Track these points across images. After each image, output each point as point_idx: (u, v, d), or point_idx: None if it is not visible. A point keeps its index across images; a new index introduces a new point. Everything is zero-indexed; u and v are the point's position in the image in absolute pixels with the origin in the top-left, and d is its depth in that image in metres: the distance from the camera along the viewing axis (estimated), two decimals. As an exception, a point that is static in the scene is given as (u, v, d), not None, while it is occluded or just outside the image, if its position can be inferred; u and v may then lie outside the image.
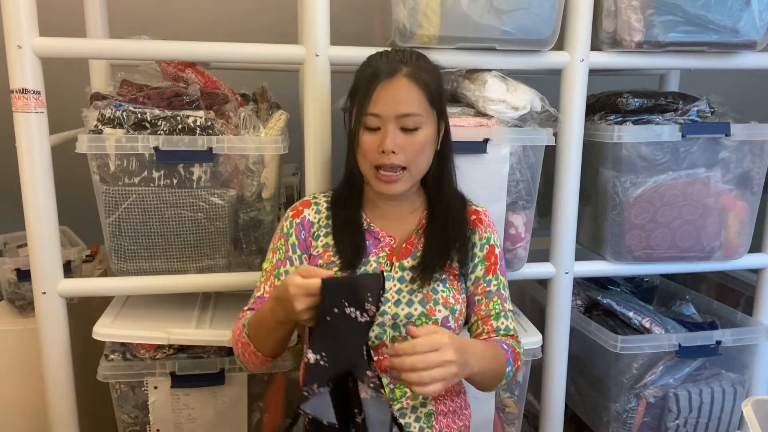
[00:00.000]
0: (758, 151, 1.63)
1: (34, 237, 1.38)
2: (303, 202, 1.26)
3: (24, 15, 1.29)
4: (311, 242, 1.22)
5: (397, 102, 1.10)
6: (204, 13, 2.24)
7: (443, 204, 1.21)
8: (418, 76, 1.11)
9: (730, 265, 1.73)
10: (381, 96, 1.10)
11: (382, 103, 1.10)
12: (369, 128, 1.13)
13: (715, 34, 1.50)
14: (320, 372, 0.93)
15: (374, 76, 1.11)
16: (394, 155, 1.10)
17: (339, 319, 0.93)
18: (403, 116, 1.10)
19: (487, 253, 1.23)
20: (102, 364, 1.48)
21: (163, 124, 1.39)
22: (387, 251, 1.20)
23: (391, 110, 1.10)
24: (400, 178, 1.13)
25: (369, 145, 1.13)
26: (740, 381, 1.72)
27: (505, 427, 1.64)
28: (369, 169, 1.15)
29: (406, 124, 1.11)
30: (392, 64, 1.11)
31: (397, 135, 1.11)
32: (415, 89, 1.11)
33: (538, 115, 1.51)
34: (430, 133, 1.14)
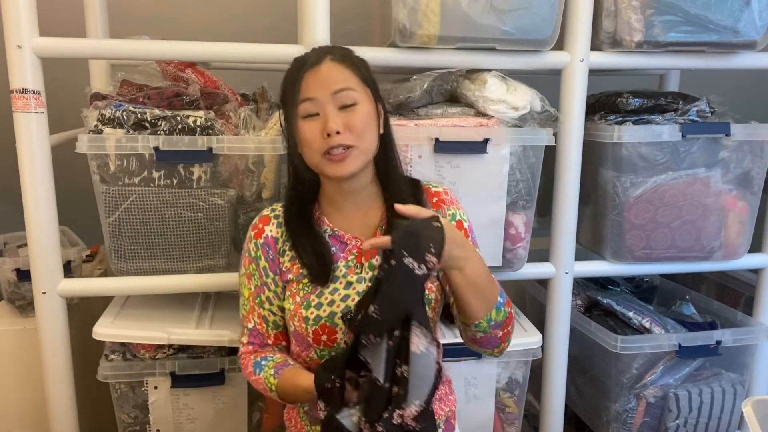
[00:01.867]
0: (758, 151, 1.63)
1: (34, 237, 1.38)
2: (262, 218, 1.20)
3: (24, 15, 1.29)
4: (279, 260, 1.17)
5: (329, 81, 1.08)
6: (204, 13, 2.24)
7: (393, 192, 1.17)
8: (345, 58, 1.11)
9: (730, 265, 1.73)
10: (311, 81, 1.08)
11: (313, 86, 1.08)
12: (307, 116, 1.09)
13: (715, 34, 1.50)
14: (374, 323, 0.91)
15: (301, 65, 1.10)
16: (339, 135, 1.06)
17: (397, 270, 0.91)
18: (338, 92, 1.07)
19: None
20: (102, 364, 1.48)
21: (163, 124, 1.39)
22: (355, 253, 1.16)
23: (325, 90, 1.07)
24: (349, 154, 1.08)
25: (311, 133, 1.09)
26: (740, 381, 1.72)
27: (505, 427, 1.65)
28: (317, 158, 1.10)
29: (343, 100, 1.08)
30: (317, 54, 1.11)
31: (337, 115, 1.07)
32: (343, 68, 1.10)
33: (538, 115, 1.51)
34: (368, 108, 1.11)
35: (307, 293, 1.14)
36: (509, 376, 1.60)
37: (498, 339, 1.10)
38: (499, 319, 1.07)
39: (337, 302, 1.12)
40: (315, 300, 1.12)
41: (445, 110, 1.48)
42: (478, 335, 1.08)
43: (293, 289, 1.15)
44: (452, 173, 1.41)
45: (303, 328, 1.12)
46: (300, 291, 1.14)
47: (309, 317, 1.11)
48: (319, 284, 1.13)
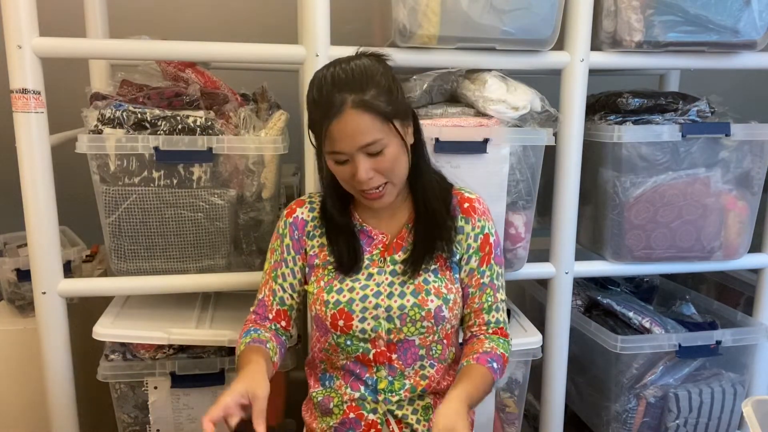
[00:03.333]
0: (758, 151, 1.63)
1: (34, 237, 1.38)
2: (297, 201, 1.27)
3: (24, 15, 1.29)
4: (306, 242, 1.24)
5: (354, 136, 1.08)
6: (204, 13, 2.24)
7: (422, 195, 1.22)
8: (364, 101, 1.07)
9: (730, 265, 1.73)
10: (336, 135, 1.08)
11: (339, 141, 1.09)
12: (337, 162, 1.13)
13: (715, 34, 1.50)
14: None
15: (324, 116, 1.08)
16: (371, 180, 1.12)
17: None
18: (365, 146, 1.09)
19: (481, 243, 1.23)
20: (102, 364, 1.48)
21: (163, 124, 1.39)
22: (380, 248, 1.22)
23: (351, 145, 1.09)
24: (384, 192, 1.14)
25: (343, 175, 1.14)
26: (740, 381, 1.72)
27: (505, 427, 1.64)
28: (354, 191, 1.17)
29: (370, 150, 1.10)
30: (337, 101, 1.07)
31: (366, 162, 1.10)
32: (366, 118, 1.07)
33: (538, 115, 1.51)
34: (396, 147, 1.12)
35: (331, 279, 1.20)
36: (509, 376, 1.60)
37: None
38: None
39: (357, 290, 1.18)
40: (337, 285, 1.19)
41: (445, 110, 1.48)
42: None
43: (318, 275, 1.22)
44: (452, 173, 1.41)
45: (323, 312, 1.18)
46: (325, 276, 1.21)
47: (329, 301, 1.18)
48: (346, 273, 1.20)
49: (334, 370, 1.24)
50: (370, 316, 1.16)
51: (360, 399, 1.20)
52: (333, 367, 1.24)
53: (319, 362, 1.26)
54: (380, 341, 1.17)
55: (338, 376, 1.23)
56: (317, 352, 1.26)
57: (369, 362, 1.19)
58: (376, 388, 1.19)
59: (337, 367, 1.23)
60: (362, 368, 1.20)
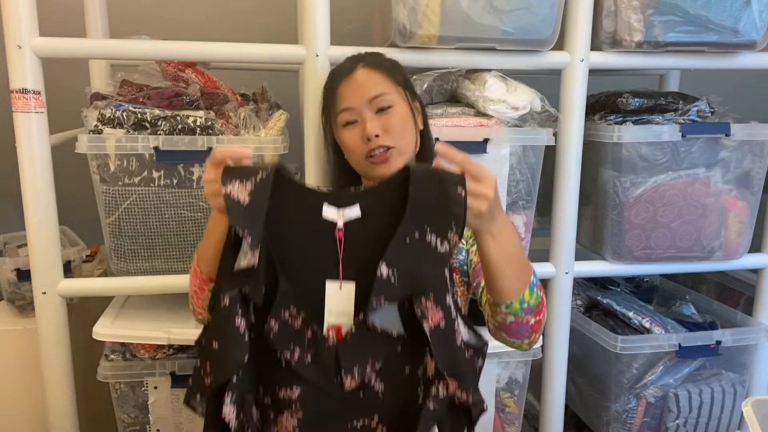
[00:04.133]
0: (758, 151, 1.63)
1: (34, 237, 1.38)
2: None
3: (24, 15, 1.29)
4: None
5: (363, 89, 1.13)
6: (204, 13, 2.24)
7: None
8: (376, 64, 1.16)
9: (730, 265, 1.73)
10: (346, 91, 1.14)
11: (349, 96, 1.13)
12: (347, 124, 1.15)
13: (715, 34, 1.50)
14: (389, 288, 0.88)
15: (335, 76, 1.17)
16: (378, 138, 1.11)
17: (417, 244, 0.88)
18: (373, 99, 1.12)
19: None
20: (102, 364, 1.48)
21: (163, 124, 1.39)
22: None
23: (360, 98, 1.12)
24: (390, 155, 1.13)
25: (353, 140, 1.14)
26: (740, 381, 1.72)
27: (505, 427, 1.64)
28: (362, 162, 1.15)
29: (379, 104, 1.13)
30: (349, 64, 1.16)
31: (375, 119, 1.12)
32: (376, 74, 1.15)
33: (538, 115, 1.51)
34: (404, 109, 1.15)
35: None
36: (509, 376, 1.60)
37: (530, 327, 1.02)
38: (532, 303, 1.00)
39: None
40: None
41: (445, 110, 1.48)
42: (509, 320, 1.01)
43: None
44: (452, 173, 1.41)
45: None
46: None
47: None
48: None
49: None
50: None
51: None
52: None
53: None
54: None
55: None
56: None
57: None
58: None
59: None
60: None
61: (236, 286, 0.89)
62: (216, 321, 0.90)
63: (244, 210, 0.87)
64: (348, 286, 0.94)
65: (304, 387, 0.93)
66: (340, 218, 0.94)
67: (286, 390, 0.94)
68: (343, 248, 0.94)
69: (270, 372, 0.94)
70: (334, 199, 0.93)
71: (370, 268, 0.89)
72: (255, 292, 0.90)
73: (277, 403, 0.95)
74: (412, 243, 0.88)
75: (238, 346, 0.89)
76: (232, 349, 0.89)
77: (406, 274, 0.88)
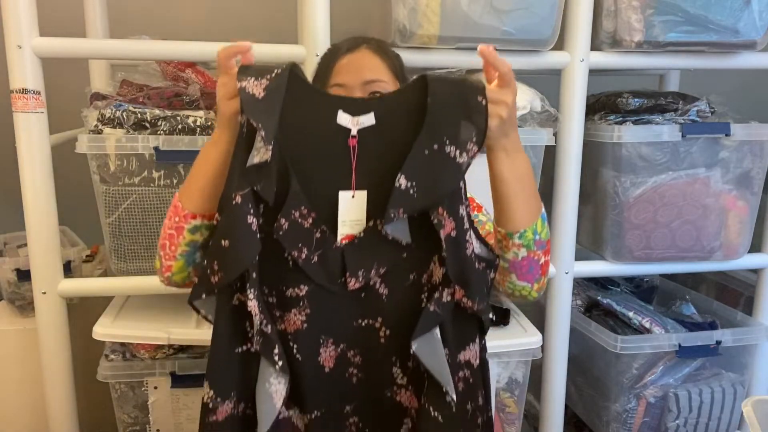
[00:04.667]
0: (758, 151, 1.63)
1: (34, 237, 1.38)
2: None
3: (24, 15, 1.29)
4: None
5: (361, 69, 1.06)
6: (204, 13, 2.24)
7: None
8: (380, 50, 1.09)
9: (730, 265, 1.73)
10: (343, 66, 1.06)
11: (344, 72, 1.06)
12: None
13: (715, 34, 1.50)
14: (408, 200, 0.88)
15: (335, 51, 1.08)
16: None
17: (437, 156, 0.88)
18: (369, 83, 1.05)
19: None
20: (102, 364, 1.48)
21: (163, 124, 1.39)
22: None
23: (356, 78, 1.05)
24: None
25: None
26: (740, 381, 1.72)
27: (505, 427, 1.64)
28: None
29: (373, 88, 1.06)
30: (353, 42, 1.08)
31: None
32: (378, 59, 1.08)
33: (538, 115, 1.51)
34: None
35: None
36: (509, 376, 1.60)
37: (540, 267, 1.00)
38: (543, 237, 0.98)
39: None
40: None
41: (445, 110, 1.48)
42: (521, 254, 0.97)
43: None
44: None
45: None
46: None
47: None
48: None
49: None
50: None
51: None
52: None
53: None
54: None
55: None
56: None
57: None
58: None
59: None
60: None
61: (248, 185, 0.88)
62: (227, 219, 0.89)
63: (259, 102, 0.86)
64: (360, 194, 0.93)
65: (311, 285, 0.94)
66: (355, 126, 0.92)
67: (294, 289, 0.94)
68: (357, 157, 0.92)
69: (277, 272, 0.93)
70: (349, 105, 0.92)
71: (383, 177, 0.90)
72: (267, 189, 0.89)
73: (284, 301, 0.95)
74: (431, 154, 0.88)
75: (250, 242, 0.88)
76: (243, 246, 0.88)
77: (425, 185, 0.88)
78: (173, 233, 0.98)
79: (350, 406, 0.99)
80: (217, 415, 0.94)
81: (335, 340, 0.96)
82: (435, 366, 0.91)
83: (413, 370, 0.97)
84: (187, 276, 1.00)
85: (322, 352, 0.96)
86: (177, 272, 0.99)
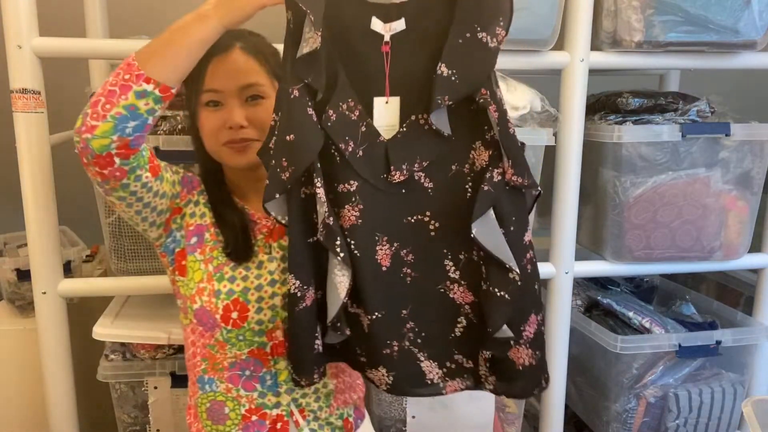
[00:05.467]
0: (758, 151, 1.63)
1: (34, 237, 1.38)
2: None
3: (24, 15, 1.29)
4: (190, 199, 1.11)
5: (237, 73, 1.03)
6: (204, 13, 2.23)
7: None
8: (255, 50, 1.05)
9: (730, 265, 1.73)
10: (218, 70, 1.02)
11: (219, 77, 1.03)
12: (210, 104, 1.05)
13: (715, 34, 1.50)
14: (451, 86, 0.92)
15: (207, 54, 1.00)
16: (243, 129, 1.03)
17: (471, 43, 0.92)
18: (245, 87, 1.03)
19: None
20: (102, 364, 1.48)
21: (163, 124, 1.39)
22: (265, 233, 1.12)
23: (231, 83, 1.03)
24: (249, 146, 1.05)
25: (213, 123, 1.04)
26: (740, 381, 1.72)
27: (505, 427, 1.65)
28: (215, 146, 1.07)
29: (250, 93, 1.04)
30: (224, 41, 1.01)
31: (242, 108, 1.04)
32: (252, 60, 1.04)
33: (538, 115, 1.51)
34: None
35: (221, 264, 1.08)
36: (509, 376, 1.60)
37: None
38: None
39: (251, 279, 1.08)
40: (229, 273, 1.08)
41: (445, 110, 1.48)
42: None
43: (203, 256, 1.09)
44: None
45: (212, 304, 1.06)
46: (213, 260, 1.08)
47: (221, 290, 1.06)
48: (238, 260, 1.08)
49: (215, 372, 1.10)
50: (267, 306, 1.07)
51: (260, 398, 1.10)
52: (215, 368, 1.10)
53: (201, 360, 1.11)
54: (278, 332, 1.08)
55: (222, 380, 1.10)
56: (200, 348, 1.10)
57: (265, 356, 1.09)
58: (276, 381, 1.10)
59: (220, 369, 1.10)
60: (256, 364, 1.09)
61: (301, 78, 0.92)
62: (288, 114, 0.92)
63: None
64: (394, 100, 0.97)
65: (361, 181, 0.97)
66: (387, 32, 0.96)
67: (344, 185, 0.97)
68: (389, 63, 0.96)
69: (326, 168, 0.96)
70: (382, 11, 0.96)
71: (419, 78, 0.95)
72: (317, 80, 0.92)
73: (338, 197, 0.98)
74: (465, 42, 0.92)
75: (313, 133, 0.93)
76: (309, 137, 0.92)
77: (464, 72, 0.93)
78: (114, 90, 0.91)
79: (406, 310, 1.01)
80: (306, 300, 0.97)
81: (389, 239, 0.99)
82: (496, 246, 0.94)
83: (465, 263, 1.00)
84: (107, 145, 0.91)
85: (378, 250, 0.99)
86: (100, 135, 0.90)
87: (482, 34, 0.92)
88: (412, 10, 0.96)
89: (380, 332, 1.00)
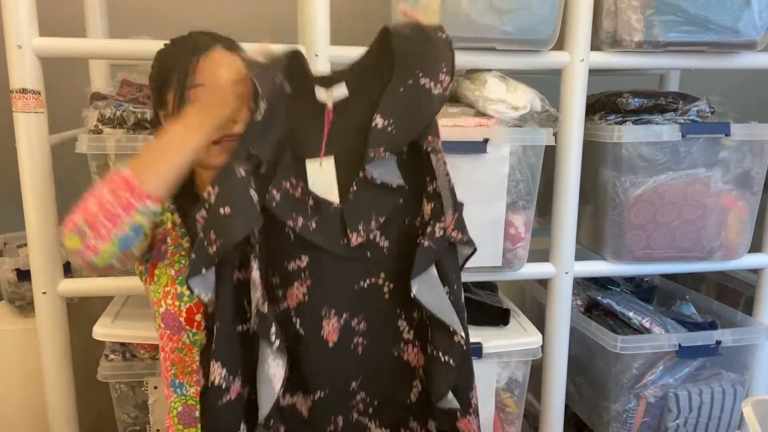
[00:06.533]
0: (758, 151, 1.63)
1: (34, 237, 1.38)
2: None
3: (24, 15, 1.29)
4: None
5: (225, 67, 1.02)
6: (204, 13, 2.24)
7: None
8: (236, 46, 1.07)
9: (730, 265, 1.73)
10: (205, 66, 1.02)
11: (207, 72, 1.02)
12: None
13: (715, 34, 1.50)
14: (389, 138, 0.92)
15: (192, 50, 1.02)
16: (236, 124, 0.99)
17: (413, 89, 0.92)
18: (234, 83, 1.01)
19: None
20: (102, 364, 1.48)
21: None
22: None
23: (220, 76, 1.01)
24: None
25: None
26: (740, 381, 1.72)
27: (505, 427, 1.65)
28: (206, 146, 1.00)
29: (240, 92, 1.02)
30: (205, 43, 1.03)
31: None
32: (237, 57, 1.04)
33: (538, 115, 1.51)
34: None
35: (183, 267, 1.07)
36: (509, 375, 1.60)
37: None
38: None
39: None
40: None
41: (445, 110, 1.48)
42: None
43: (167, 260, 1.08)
44: (452, 173, 1.41)
45: (176, 307, 1.05)
46: (175, 264, 1.07)
47: (184, 293, 1.05)
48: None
49: (185, 376, 1.10)
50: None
51: None
52: (184, 372, 1.10)
53: (170, 364, 1.11)
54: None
55: (191, 383, 1.10)
56: (168, 353, 1.10)
57: None
58: None
59: (189, 372, 1.10)
60: None
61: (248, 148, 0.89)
62: (227, 189, 0.87)
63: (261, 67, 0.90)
64: (328, 160, 0.97)
65: (312, 254, 0.95)
66: (330, 99, 0.97)
67: (295, 261, 0.95)
68: (331, 125, 0.97)
69: (278, 248, 0.94)
70: (325, 81, 0.97)
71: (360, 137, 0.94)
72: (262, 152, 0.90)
73: (286, 276, 0.95)
74: (405, 90, 0.93)
75: (251, 211, 0.88)
76: (246, 212, 0.87)
77: (402, 120, 0.93)
78: (118, 212, 0.87)
79: (356, 382, 0.99)
80: (231, 393, 0.91)
81: (338, 310, 0.96)
82: (437, 306, 0.92)
83: (419, 321, 0.97)
84: (110, 260, 0.90)
85: (324, 326, 0.96)
86: (104, 257, 0.88)
87: (425, 80, 0.92)
88: (353, 73, 0.97)
89: (323, 411, 0.97)
